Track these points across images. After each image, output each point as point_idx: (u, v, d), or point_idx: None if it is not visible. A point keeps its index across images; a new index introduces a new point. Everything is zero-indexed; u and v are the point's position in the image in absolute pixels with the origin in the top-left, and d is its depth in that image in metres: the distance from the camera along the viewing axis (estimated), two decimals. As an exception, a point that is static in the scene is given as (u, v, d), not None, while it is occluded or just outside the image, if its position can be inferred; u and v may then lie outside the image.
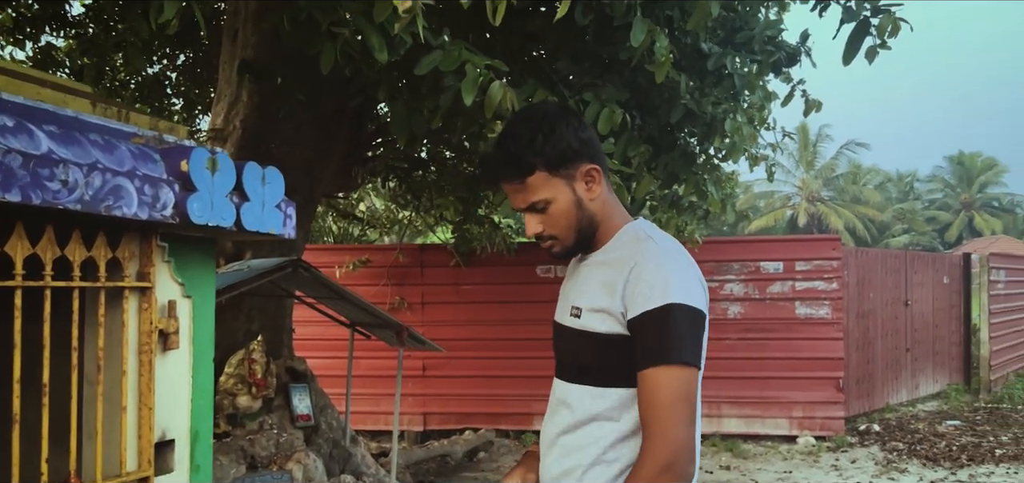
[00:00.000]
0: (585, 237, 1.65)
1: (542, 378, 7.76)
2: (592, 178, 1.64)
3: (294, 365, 5.67)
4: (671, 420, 1.45)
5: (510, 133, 1.61)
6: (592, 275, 1.64)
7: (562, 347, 1.71)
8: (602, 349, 1.57)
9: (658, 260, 1.55)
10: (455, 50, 2.88)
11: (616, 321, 1.55)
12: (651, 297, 1.50)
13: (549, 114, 1.63)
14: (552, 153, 1.58)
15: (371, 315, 5.46)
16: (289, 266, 4.72)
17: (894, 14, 3.28)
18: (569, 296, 1.69)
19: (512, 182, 1.61)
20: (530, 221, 1.64)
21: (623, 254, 1.61)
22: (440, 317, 8.08)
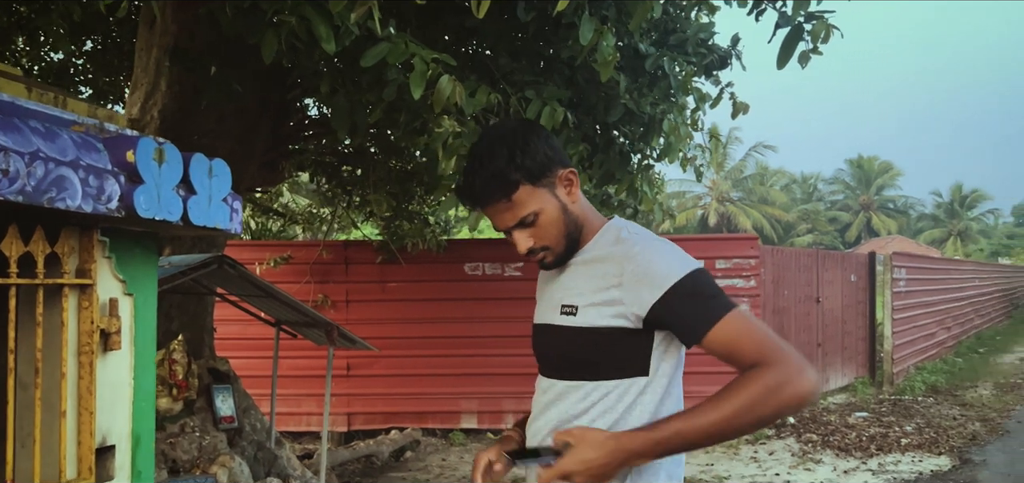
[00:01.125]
0: (573, 241, 1.67)
1: (470, 376, 7.79)
2: (570, 182, 1.67)
3: (216, 365, 5.47)
4: (775, 340, 1.49)
5: (486, 154, 1.61)
6: (581, 274, 1.65)
7: (549, 347, 1.70)
8: (600, 344, 1.58)
9: (653, 246, 1.60)
10: (402, 42, 2.82)
11: (618, 315, 1.56)
12: (666, 276, 1.53)
13: (518, 129, 1.66)
14: (532, 165, 1.60)
15: (299, 314, 5.31)
16: (214, 262, 4.55)
17: (827, 20, 3.40)
18: (555, 297, 1.69)
19: (498, 202, 1.61)
20: (520, 237, 1.65)
21: (612, 250, 1.63)
22: (365, 315, 7.94)
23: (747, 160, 41.55)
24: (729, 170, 40.56)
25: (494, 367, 7.77)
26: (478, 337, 7.87)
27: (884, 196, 53.52)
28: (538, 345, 1.76)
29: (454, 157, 3.27)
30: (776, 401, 1.44)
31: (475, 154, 1.64)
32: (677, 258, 1.57)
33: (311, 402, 7.87)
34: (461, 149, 3.15)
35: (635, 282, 1.55)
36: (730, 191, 40.84)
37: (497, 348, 7.82)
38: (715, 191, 39.82)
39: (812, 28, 3.43)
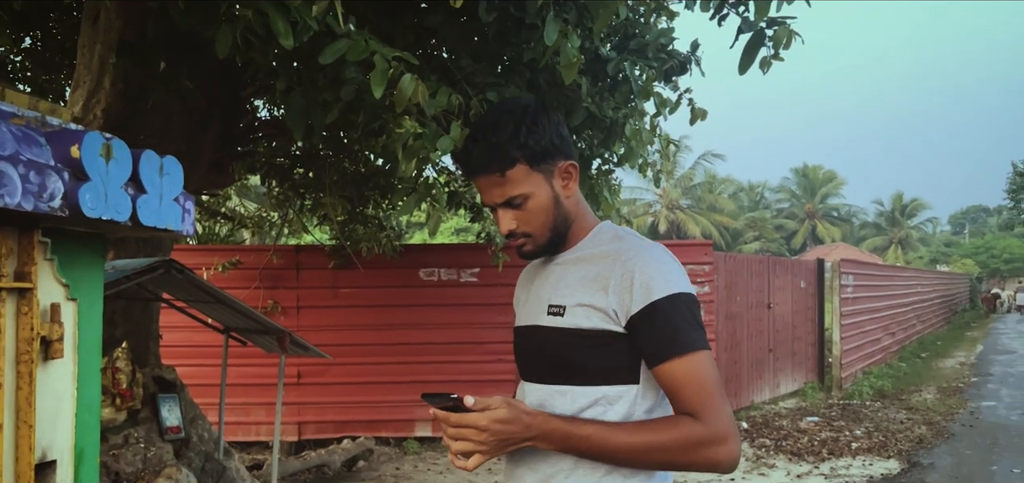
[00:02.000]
0: (558, 235, 1.62)
1: (424, 383, 7.66)
2: (569, 175, 1.61)
3: (162, 374, 5.28)
4: (721, 400, 1.45)
5: (492, 124, 1.56)
6: (570, 273, 1.60)
7: (535, 349, 1.63)
8: (588, 346, 1.52)
9: (650, 254, 1.54)
10: (362, 40, 2.73)
11: (606, 317, 1.51)
12: (653, 288, 1.47)
13: (531, 107, 1.59)
14: (535, 147, 1.55)
15: (249, 320, 5.16)
16: (160, 267, 4.38)
17: (789, 27, 3.40)
18: (542, 296, 1.63)
19: (491, 175, 1.55)
20: (504, 217, 1.59)
21: (606, 250, 1.58)
22: (316, 322, 7.78)
23: (696, 168, 42.11)
24: (678, 177, 41.05)
25: (449, 374, 7.67)
26: (433, 344, 7.77)
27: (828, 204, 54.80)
28: (522, 349, 1.69)
29: (414, 159, 3.19)
30: (693, 457, 1.44)
31: (481, 121, 1.59)
32: (671, 273, 1.51)
33: (261, 411, 7.67)
34: (421, 151, 3.07)
35: (624, 285, 1.50)
36: (680, 198, 41.34)
37: (452, 355, 7.73)
38: (665, 198, 40.27)
39: (774, 34, 3.43)
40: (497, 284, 7.58)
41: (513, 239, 1.61)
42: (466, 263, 7.90)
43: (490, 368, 7.66)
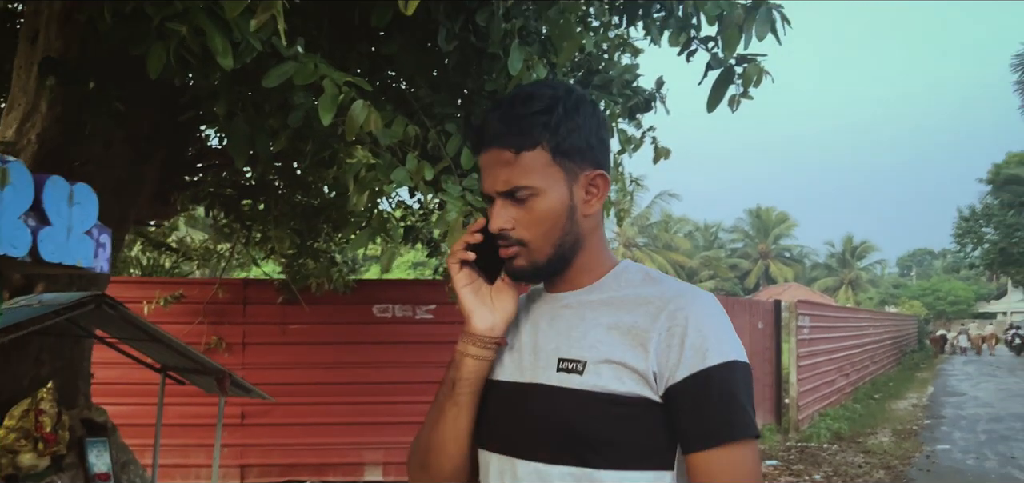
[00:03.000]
0: (561, 257, 1.32)
1: (376, 424, 7.37)
2: (596, 188, 1.32)
3: (92, 416, 4.93)
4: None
5: (523, 96, 1.30)
6: (591, 319, 1.29)
7: (536, 416, 1.28)
8: (616, 417, 1.21)
9: (704, 306, 1.25)
10: (310, 63, 2.53)
11: (641, 381, 1.21)
12: (709, 351, 1.20)
13: (575, 93, 1.32)
14: (565, 135, 1.27)
15: (187, 359, 4.86)
16: (91, 302, 4.07)
17: (759, 64, 3.28)
18: (546, 345, 1.31)
19: (503, 149, 1.28)
20: (500, 212, 1.30)
21: (641, 294, 1.28)
22: (263, 359, 7.45)
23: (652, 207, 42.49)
24: (635, 216, 41.33)
25: (402, 415, 7.38)
26: (386, 383, 7.49)
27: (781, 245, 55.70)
28: (508, 413, 1.33)
29: (367, 191, 2.98)
30: None
31: (514, 92, 1.34)
32: (728, 334, 1.24)
33: (200, 453, 7.28)
34: (375, 183, 2.86)
35: (671, 342, 1.21)
36: (636, 237, 41.60)
37: (406, 395, 7.45)
38: (622, 236, 40.47)
39: (744, 71, 3.31)
40: (454, 322, 7.30)
41: (504, 244, 1.31)
42: (422, 299, 7.67)
43: (444, 409, 7.40)
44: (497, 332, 1.33)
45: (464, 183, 3.15)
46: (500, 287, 1.36)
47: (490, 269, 1.36)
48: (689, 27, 3.45)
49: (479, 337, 1.33)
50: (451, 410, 1.35)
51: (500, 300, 1.35)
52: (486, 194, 1.34)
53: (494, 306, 1.34)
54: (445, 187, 3.03)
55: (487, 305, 1.34)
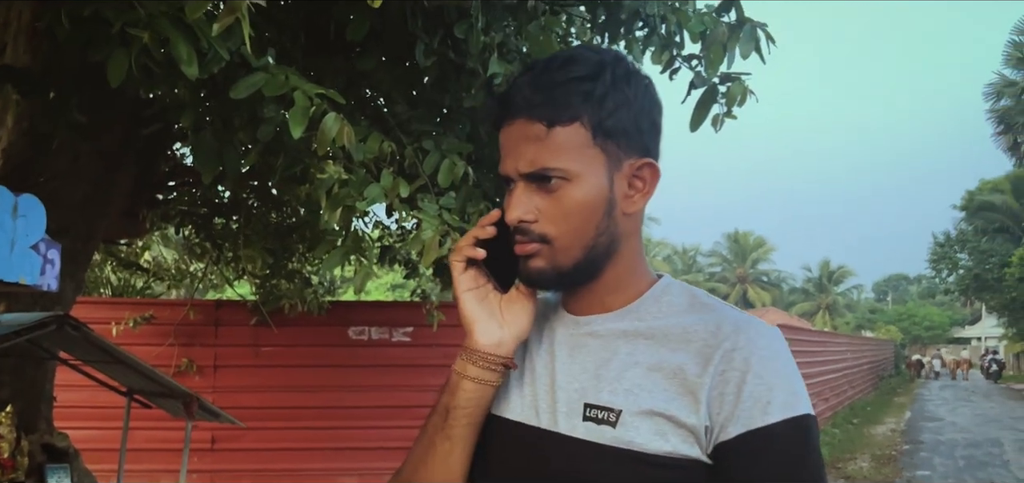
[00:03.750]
0: (590, 263, 1.05)
1: (351, 450, 7.20)
2: (642, 180, 1.07)
3: (53, 441, 4.75)
4: None
5: (561, 60, 1.04)
6: (626, 353, 1.04)
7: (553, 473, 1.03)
8: (653, 481, 0.97)
9: (768, 345, 0.99)
10: (281, 74, 2.43)
11: (689, 438, 0.97)
12: (772, 403, 0.95)
13: (625, 61, 1.06)
14: (611, 111, 1.02)
15: (154, 382, 4.71)
16: (53, 323, 3.93)
17: (744, 83, 3.22)
18: (567, 384, 1.06)
19: (532, 122, 1.01)
20: (520, 198, 1.03)
21: (688, 325, 1.03)
22: (235, 382, 7.28)
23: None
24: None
25: (378, 440, 7.23)
26: (362, 407, 7.34)
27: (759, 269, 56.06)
28: (521, 463, 1.07)
29: (340, 208, 2.87)
30: None
31: (555, 55, 1.07)
32: (796, 381, 0.99)
33: (167, 479, 7.07)
34: (348, 199, 2.76)
35: (727, 390, 0.97)
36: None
37: (382, 419, 7.30)
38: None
39: (728, 90, 3.25)
40: (432, 344, 7.23)
41: (522, 240, 1.05)
42: (399, 321, 7.54)
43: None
44: (505, 350, 1.07)
45: (441, 201, 3.06)
46: (514, 296, 1.10)
47: (503, 274, 1.10)
48: (672, 45, 3.39)
49: (482, 354, 1.06)
50: (443, 445, 1.08)
51: (512, 312, 1.09)
52: (504, 176, 1.07)
53: (504, 318, 1.08)
54: (421, 205, 2.94)
55: (495, 316, 1.08)
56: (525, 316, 1.09)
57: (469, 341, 1.08)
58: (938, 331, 55.11)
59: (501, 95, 1.06)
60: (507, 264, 1.09)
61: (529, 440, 1.06)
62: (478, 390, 1.07)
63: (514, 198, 1.03)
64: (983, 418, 17.87)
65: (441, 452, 1.08)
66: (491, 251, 1.08)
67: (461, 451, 1.08)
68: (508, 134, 1.05)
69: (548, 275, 1.05)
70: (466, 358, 1.08)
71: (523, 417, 1.08)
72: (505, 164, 1.05)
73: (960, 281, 33.92)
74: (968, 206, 34.32)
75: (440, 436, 1.08)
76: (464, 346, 1.09)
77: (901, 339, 48.66)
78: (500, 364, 1.07)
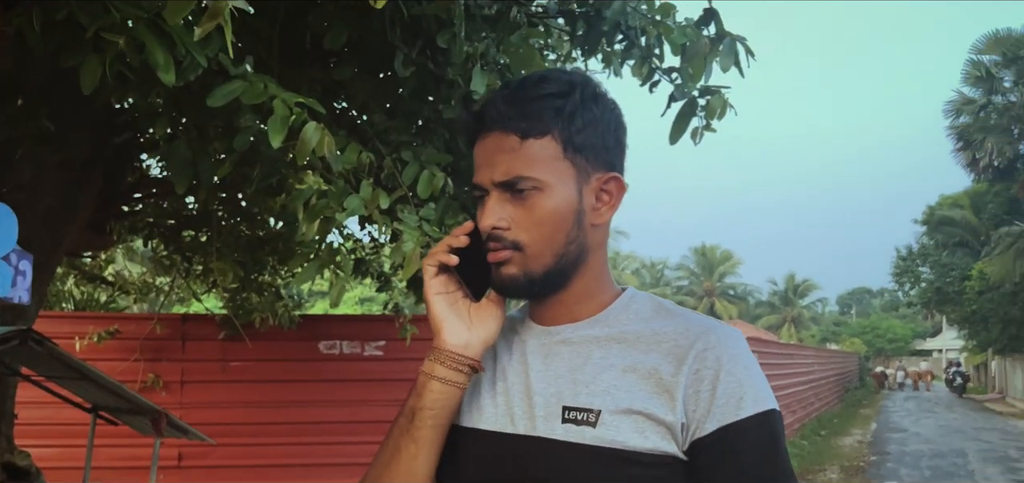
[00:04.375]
0: (560, 272, 1.11)
1: (322, 466, 7.08)
2: (609, 194, 1.14)
3: (14, 460, 4.61)
4: None
5: (537, 78, 1.12)
6: (601, 358, 1.08)
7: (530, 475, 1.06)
8: (634, 478, 1.01)
9: (735, 346, 1.06)
10: (259, 82, 2.38)
11: (667, 435, 1.02)
12: (744, 400, 1.02)
13: (593, 83, 1.14)
14: (580, 127, 1.09)
15: (120, 398, 4.59)
16: (16, 338, 3.80)
17: (724, 96, 3.23)
18: (543, 389, 1.09)
19: (507, 133, 1.08)
20: (493, 207, 1.09)
21: (659, 330, 1.09)
22: (203, 398, 7.13)
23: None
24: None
25: (350, 456, 7.12)
26: (333, 422, 7.23)
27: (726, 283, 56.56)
28: (500, 473, 1.09)
29: (317, 220, 2.82)
30: None
31: (531, 74, 1.16)
32: (761, 380, 1.06)
33: (134, 497, 6.91)
34: (326, 211, 2.71)
35: (702, 388, 1.02)
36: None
37: (354, 435, 7.19)
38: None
39: (708, 103, 3.25)
40: (405, 358, 7.15)
41: (495, 246, 1.10)
42: (371, 335, 7.45)
43: (393, 450, 7.17)
44: (472, 352, 1.11)
45: (421, 213, 3.02)
46: (483, 304, 1.14)
47: (475, 283, 1.15)
48: (652, 57, 3.39)
49: (450, 354, 1.10)
50: (408, 448, 1.10)
51: (480, 317, 1.13)
52: (478, 186, 1.13)
53: (472, 322, 1.12)
54: (401, 217, 2.90)
55: (463, 319, 1.12)
56: (493, 322, 1.13)
57: (437, 341, 1.11)
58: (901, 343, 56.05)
59: (476, 111, 1.13)
60: (479, 274, 1.13)
61: (506, 446, 1.09)
62: (445, 391, 1.10)
63: (487, 206, 1.10)
64: (947, 429, 18.17)
65: (407, 455, 1.10)
66: (464, 260, 1.12)
67: (426, 454, 1.10)
68: (483, 146, 1.12)
69: (520, 281, 1.10)
70: (434, 358, 1.11)
71: (498, 426, 1.11)
72: (480, 174, 1.12)
73: (922, 294, 34.52)
74: (929, 221, 34.96)
75: (405, 438, 1.10)
76: (432, 347, 1.12)
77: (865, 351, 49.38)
78: (467, 365, 1.10)
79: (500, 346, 1.17)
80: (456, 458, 1.13)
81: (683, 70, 3.32)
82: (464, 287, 1.15)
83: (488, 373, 1.15)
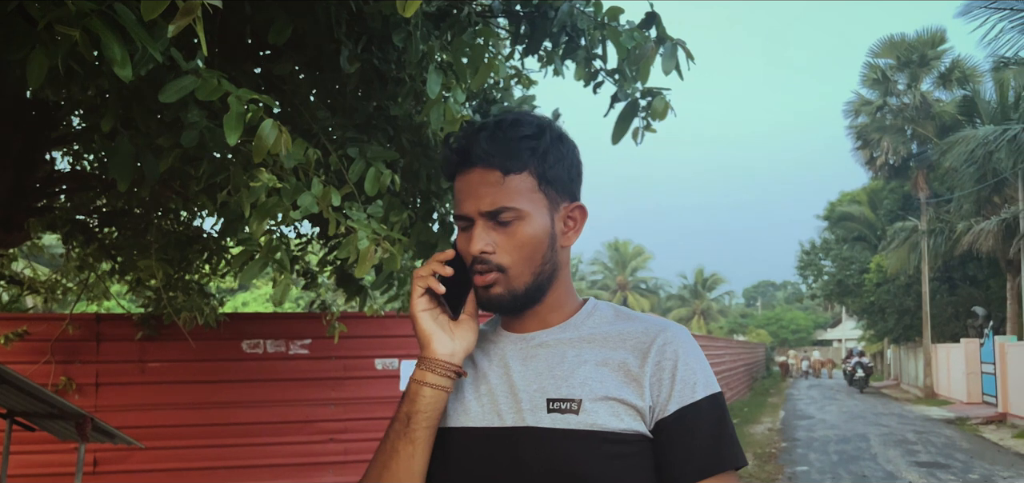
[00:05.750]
0: (537, 288, 1.29)
1: (247, 468, 6.93)
2: (573, 220, 1.33)
3: (-78, 471, 4.35)
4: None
5: (511, 121, 1.28)
6: (575, 356, 1.26)
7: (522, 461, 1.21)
8: (612, 456, 1.18)
9: (687, 340, 1.28)
10: (213, 78, 2.33)
11: (637, 416, 1.21)
12: (698, 384, 1.23)
13: (555, 126, 1.32)
14: (552, 164, 1.28)
15: (40, 402, 4.38)
16: (-71, 341, 3.61)
17: (664, 97, 3.33)
18: (526, 386, 1.26)
19: (490, 169, 1.24)
20: (480, 234, 1.25)
21: (623, 330, 1.28)
22: (119, 400, 6.86)
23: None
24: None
25: (275, 457, 7.00)
26: (258, 423, 7.07)
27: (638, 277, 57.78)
28: (492, 462, 1.24)
29: (265, 219, 2.78)
30: None
31: (496, 118, 1.30)
32: (707, 365, 1.28)
33: (48, 507, 6.61)
34: (278, 208, 2.67)
35: (662, 376, 1.22)
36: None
37: (279, 436, 7.07)
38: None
39: (651, 105, 3.35)
40: (332, 357, 7.07)
41: (482, 269, 1.26)
42: (296, 334, 7.31)
43: (321, 450, 7.07)
44: (457, 359, 1.27)
45: (369, 210, 3.01)
46: (462, 319, 1.31)
47: (454, 302, 1.31)
48: (594, 59, 3.47)
49: (440, 362, 1.25)
50: (405, 449, 1.24)
51: (460, 330, 1.29)
52: (464, 216, 1.28)
53: (453, 334, 1.28)
54: (350, 214, 2.88)
55: (447, 332, 1.28)
56: (471, 334, 1.29)
57: (427, 352, 1.26)
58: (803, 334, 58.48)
59: (458, 148, 1.28)
60: (457, 295, 1.29)
61: (496, 438, 1.24)
62: (435, 396, 1.25)
63: (476, 233, 1.25)
64: (850, 415, 19.08)
65: (405, 455, 1.24)
66: (446, 284, 1.28)
67: (421, 453, 1.24)
68: (466, 181, 1.27)
69: (505, 299, 1.27)
70: (425, 367, 1.26)
71: (486, 422, 1.26)
72: (465, 205, 1.26)
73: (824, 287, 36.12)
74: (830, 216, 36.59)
75: (402, 441, 1.24)
76: (422, 357, 1.27)
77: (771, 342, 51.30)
78: (454, 371, 1.26)
79: (477, 354, 1.34)
80: (447, 456, 1.27)
81: (625, 72, 3.41)
82: (445, 308, 1.30)
83: (470, 378, 1.32)
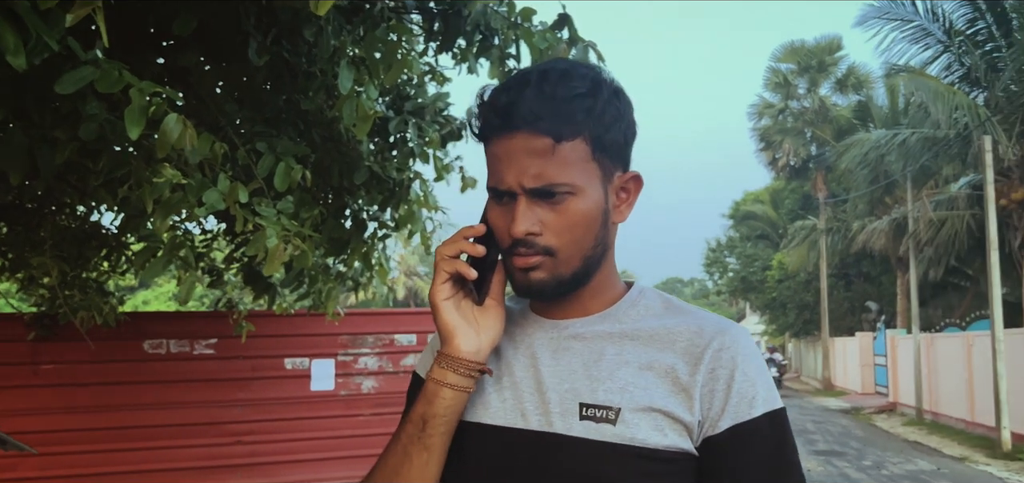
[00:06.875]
0: (585, 273, 1.09)
1: (149, 473, 6.69)
2: (628, 192, 1.12)
3: None
4: None
5: (560, 72, 1.05)
6: (615, 355, 1.07)
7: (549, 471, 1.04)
8: (652, 474, 1.01)
9: (747, 344, 1.07)
10: (114, 69, 2.25)
11: (684, 433, 1.03)
12: (757, 398, 1.04)
13: (613, 79, 1.09)
14: (608, 125, 1.05)
15: (-79, 408, 4.13)
16: None
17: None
18: (557, 385, 1.08)
19: (538, 136, 1.02)
20: (525, 213, 1.04)
21: (673, 326, 1.09)
22: (10, 405, 6.51)
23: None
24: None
25: (180, 460, 6.78)
26: (161, 426, 6.82)
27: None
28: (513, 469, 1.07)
29: (169, 215, 2.69)
30: None
31: (541, 67, 1.07)
32: (768, 375, 1.09)
33: (-72, 519, 6.22)
34: (183, 204, 2.59)
35: (717, 386, 1.04)
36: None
37: (184, 438, 6.84)
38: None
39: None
40: (238, 357, 6.89)
41: (524, 252, 1.06)
42: (200, 333, 7.09)
43: (228, 452, 6.88)
44: (482, 357, 1.10)
45: (278, 206, 2.96)
46: (487, 306, 1.12)
47: (480, 285, 1.12)
48: (508, 58, 3.49)
49: (463, 361, 1.08)
50: (420, 455, 1.08)
51: (486, 320, 1.11)
52: (501, 190, 1.06)
53: (479, 326, 1.10)
54: (259, 210, 2.82)
55: (472, 324, 1.10)
56: (498, 324, 1.11)
57: (449, 349, 1.08)
58: (710, 329, 60.01)
59: (499, 108, 1.05)
60: (482, 277, 1.11)
61: (519, 443, 1.07)
62: (456, 398, 1.08)
63: (519, 211, 1.04)
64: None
65: (418, 462, 1.08)
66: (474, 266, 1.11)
67: (437, 460, 1.09)
68: (507, 146, 1.04)
69: (549, 285, 1.07)
70: (446, 366, 1.08)
71: (507, 421, 1.09)
72: (506, 176, 1.05)
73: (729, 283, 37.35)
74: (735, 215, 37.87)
75: (416, 446, 1.08)
76: (442, 354, 1.09)
77: (678, 337, 52.55)
78: (478, 371, 1.09)
79: (502, 339, 1.14)
80: (461, 454, 1.11)
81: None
82: (471, 292, 1.13)
83: (492, 365, 1.14)
